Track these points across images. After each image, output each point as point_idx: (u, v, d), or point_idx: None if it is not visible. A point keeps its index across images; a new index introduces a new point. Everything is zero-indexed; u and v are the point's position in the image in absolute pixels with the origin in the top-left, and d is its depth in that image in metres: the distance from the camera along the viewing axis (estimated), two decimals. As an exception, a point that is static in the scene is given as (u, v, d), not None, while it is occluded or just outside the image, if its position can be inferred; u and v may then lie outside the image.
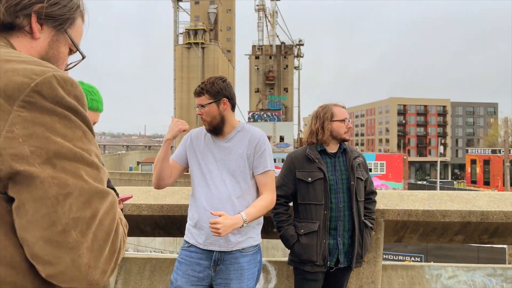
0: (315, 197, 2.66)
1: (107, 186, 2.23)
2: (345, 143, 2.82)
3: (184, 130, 2.35)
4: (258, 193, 2.39)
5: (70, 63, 1.07)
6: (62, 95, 0.79)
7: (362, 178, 2.76)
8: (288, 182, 2.74)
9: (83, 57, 1.05)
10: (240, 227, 2.17)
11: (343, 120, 2.76)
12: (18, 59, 0.80)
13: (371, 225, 2.81)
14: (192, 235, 2.35)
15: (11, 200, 0.75)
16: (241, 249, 2.30)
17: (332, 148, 2.78)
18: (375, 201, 2.94)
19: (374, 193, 2.93)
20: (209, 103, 2.30)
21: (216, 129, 2.33)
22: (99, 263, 0.77)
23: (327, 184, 2.65)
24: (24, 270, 0.76)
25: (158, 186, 2.42)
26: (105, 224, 0.79)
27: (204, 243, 2.29)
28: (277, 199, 2.73)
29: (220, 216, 2.09)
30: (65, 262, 0.74)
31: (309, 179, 2.67)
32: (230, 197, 2.28)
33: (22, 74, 0.76)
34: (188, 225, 2.42)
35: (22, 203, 0.73)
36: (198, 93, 2.33)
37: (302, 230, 2.67)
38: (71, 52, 1.03)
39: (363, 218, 2.75)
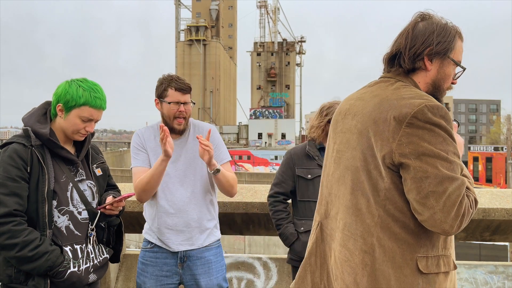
0: (315, 194, 2.58)
1: (109, 184, 2.18)
2: None
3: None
4: (215, 187, 2.40)
5: (456, 74, 1.51)
6: (429, 117, 1.29)
7: None
8: (287, 179, 2.72)
9: (464, 69, 1.50)
10: (211, 170, 2.19)
11: None
12: (408, 96, 1.36)
13: None
14: (156, 239, 2.29)
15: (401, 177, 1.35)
16: (207, 244, 2.31)
17: None
18: None
19: None
20: (193, 103, 2.31)
21: (186, 128, 2.33)
22: (447, 220, 1.26)
23: None
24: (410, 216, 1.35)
25: (146, 201, 2.31)
26: (452, 197, 1.26)
27: (171, 247, 2.26)
28: (276, 196, 2.73)
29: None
30: (426, 215, 1.28)
31: (309, 176, 2.64)
32: (193, 195, 2.28)
33: (408, 107, 1.31)
34: (148, 228, 2.35)
35: (405, 179, 1.32)
36: (187, 90, 2.26)
37: (302, 228, 2.63)
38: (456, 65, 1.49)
39: None
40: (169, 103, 2.22)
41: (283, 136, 64.28)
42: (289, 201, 2.82)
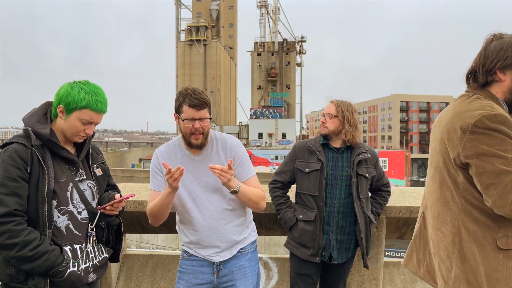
0: (309, 187, 2.68)
1: (109, 184, 2.19)
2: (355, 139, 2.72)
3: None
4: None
5: None
6: (488, 124, 1.60)
7: (365, 175, 2.69)
8: (287, 170, 2.81)
9: None
10: (230, 189, 2.14)
11: (323, 115, 2.79)
12: (473, 108, 1.67)
13: (374, 221, 2.77)
14: (193, 251, 2.30)
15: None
16: (241, 249, 2.31)
17: (335, 143, 2.75)
18: (383, 196, 2.89)
19: (384, 185, 2.88)
20: (210, 118, 2.21)
21: (205, 142, 2.24)
22: (506, 204, 1.57)
23: (323, 176, 2.64)
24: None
25: (159, 224, 2.31)
26: (509, 186, 1.56)
27: (212, 258, 2.26)
28: (274, 183, 2.85)
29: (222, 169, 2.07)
30: (490, 202, 1.60)
31: (307, 169, 2.69)
32: (223, 213, 2.25)
33: (470, 118, 1.64)
34: (185, 241, 2.34)
35: (472, 175, 1.66)
36: (201, 105, 2.11)
37: (301, 216, 2.70)
38: None
39: (368, 214, 2.70)
40: (183, 120, 2.13)
41: (284, 136, 64.27)
42: (289, 189, 2.91)
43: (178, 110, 2.17)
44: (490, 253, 1.65)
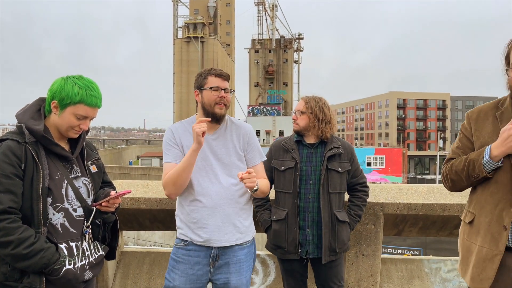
0: (284, 185, 2.71)
1: (104, 180, 2.17)
2: (331, 134, 2.75)
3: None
4: None
5: None
6: None
7: (337, 170, 2.69)
8: (266, 170, 2.80)
9: None
10: (251, 190, 2.21)
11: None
12: None
13: (347, 220, 2.72)
14: (191, 233, 2.26)
15: None
16: (241, 243, 2.30)
17: (309, 139, 2.77)
18: (360, 196, 2.81)
19: (360, 184, 2.82)
20: (232, 90, 2.36)
21: (225, 116, 2.35)
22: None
23: (297, 173, 2.67)
24: None
25: (176, 196, 2.29)
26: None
27: (208, 241, 2.23)
28: None
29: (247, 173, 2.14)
30: None
31: (282, 167, 2.72)
32: (229, 191, 2.26)
33: None
34: (182, 224, 2.31)
35: None
36: (227, 76, 2.32)
37: (274, 217, 2.73)
38: None
39: (334, 210, 2.66)
40: (211, 88, 2.25)
41: (281, 133, 64.21)
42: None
43: (201, 84, 2.29)
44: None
